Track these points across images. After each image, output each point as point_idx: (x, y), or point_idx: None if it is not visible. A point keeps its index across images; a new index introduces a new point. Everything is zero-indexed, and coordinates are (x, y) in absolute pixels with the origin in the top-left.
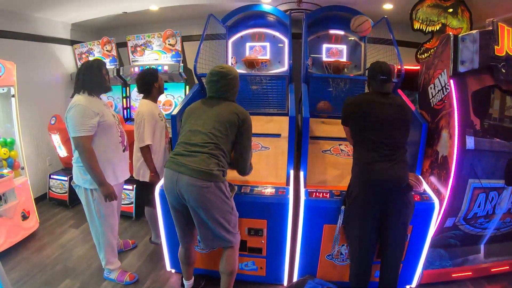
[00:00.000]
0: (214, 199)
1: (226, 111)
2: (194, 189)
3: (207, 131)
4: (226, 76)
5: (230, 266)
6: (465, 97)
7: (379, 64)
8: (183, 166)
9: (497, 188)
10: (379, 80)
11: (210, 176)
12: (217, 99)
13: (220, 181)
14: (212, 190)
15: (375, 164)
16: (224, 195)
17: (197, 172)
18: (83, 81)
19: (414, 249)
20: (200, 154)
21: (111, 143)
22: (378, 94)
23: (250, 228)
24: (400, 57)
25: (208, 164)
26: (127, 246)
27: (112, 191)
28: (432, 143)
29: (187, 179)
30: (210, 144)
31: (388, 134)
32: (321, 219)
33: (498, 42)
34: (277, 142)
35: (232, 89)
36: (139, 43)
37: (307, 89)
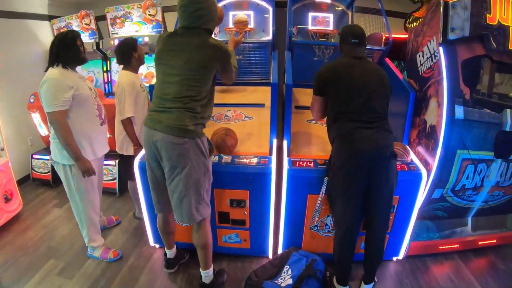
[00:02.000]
0: (189, 155)
1: (200, 51)
2: (169, 146)
3: (180, 82)
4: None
5: (202, 238)
6: (454, 65)
7: (350, 27)
8: (158, 123)
9: (486, 160)
10: (351, 43)
11: (185, 132)
12: (190, 30)
13: (196, 136)
14: (187, 146)
15: (357, 132)
16: (200, 152)
17: (171, 128)
18: (57, 54)
19: (401, 221)
20: (175, 109)
21: (88, 117)
22: (352, 59)
23: (233, 200)
24: (388, 25)
25: (182, 119)
26: (111, 222)
27: (89, 166)
28: (420, 112)
29: (161, 136)
30: (185, 98)
31: (367, 101)
32: (305, 189)
33: (490, 11)
34: (261, 112)
35: (206, 15)
36: (118, 14)
37: (291, 57)
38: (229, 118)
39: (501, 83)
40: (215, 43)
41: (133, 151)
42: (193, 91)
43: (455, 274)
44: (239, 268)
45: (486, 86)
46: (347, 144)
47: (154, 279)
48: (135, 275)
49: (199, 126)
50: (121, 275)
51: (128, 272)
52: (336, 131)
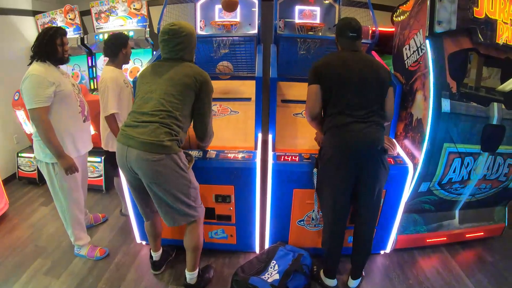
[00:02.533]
0: (167, 172)
1: (181, 73)
2: (144, 163)
3: (159, 98)
4: (179, 34)
5: (193, 241)
6: (441, 59)
7: (348, 20)
8: (131, 139)
9: (473, 153)
10: (348, 37)
11: (161, 148)
12: (171, 60)
13: (172, 152)
14: (164, 162)
15: (349, 126)
16: (179, 167)
17: (146, 144)
18: (38, 48)
19: (388, 214)
20: (150, 124)
21: (70, 113)
22: (349, 52)
23: (218, 195)
24: (375, 19)
25: (158, 135)
26: (97, 220)
27: (72, 163)
28: (407, 106)
29: (136, 153)
30: (161, 112)
31: (363, 94)
32: (291, 183)
33: (478, 4)
34: (247, 106)
35: (186, 47)
36: (103, 9)
37: (276, 50)
38: (215, 112)
39: (489, 77)
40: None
41: None
42: (172, 107)
43: (442, 267)
44: (226, 264)
45: (473, 80)
46: (338, 137)
47: (142, 276)
48: (122, 272)
49: (175, 142)
50: (108, 273)
51: (115, 269)
52: (328, 123)
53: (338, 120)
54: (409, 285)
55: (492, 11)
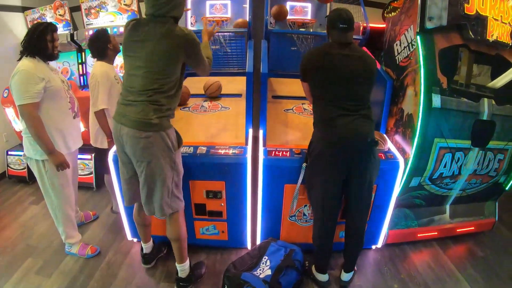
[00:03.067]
0: (153, 149)
1: (165, 45)
2: (134, 140)
3: (145, 75)
4: None
5: (175, 232)
6: (432, 54)
7: (339, 12)
8: (123, 116)
9: (463, 148)
10: (339, 28)
11: (149, 125)
12: (155, 19)
13: (161, 129)
14: (152, 140)
15: (338, 120)
16: (166, 146)
17: (136, 123)
18: (28, 44)
19: (379, 209)
20: (139, 102)
21: (60, 109)
22: (339, 45)
23: (209, 191)
24: (366, 15)
25: (147, 113)
26: (88, 218)
27: (62, 159)
28: (397, 101)
29: (127, 131)
30: (148, 90)
31: (352, 88)
32: (282, 178)
33: (468, 1)
34: (238, 102)
35: (172, 1)
36: (93, 4)
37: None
38: (205, 108)
39: (479, 74)
40: (180, 33)
41: (107, 144)
42: (157, 83)
43: (434, 262)
44: (218, 260)
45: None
46: (327, 130)
47: (133, 274)
48: (114, 270)
49: (164, 118)
50: (100, 271)
51: (106, 268)
52: (318, 116)
53: (326, 113)
54: (401, 279)
55: (483, 7)
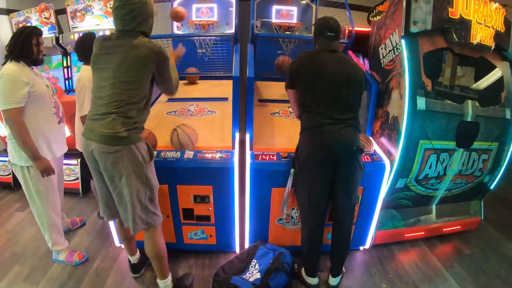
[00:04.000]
0: (124, 163)
1: (134, 56)
2: (103, 156)
3: (112, 87)
4: (131, 0)
5: (153, 250)
6: (416, 58)
7: (326, 20)
8: (91, 132)
9: (448, 149)
10: (326, 36)
11: (117, 139)
12: (124, 34)
13: (130, 143)
14: (121, 154)
15: (325, 127)
16: (136, 160)
17: (103, 137)
18: (10, 49)
19: (366, 210)
20: (106, 116)
21: (44, 115)
22: (326, 52)
23: (196, 196)
24: (352, 19)
25: (114, 126)
26: (75, 224)
27: (48, 165)
28: (383, 104)
29: (95, 146)
30: (116, 102)
31: (338, 95)
32: (269, 182)
33: (452, 5)
34: (224, 105)
35: (139, 16)
36: (79, 7)
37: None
38: (191, 112)
39: (463, 76)
40: (150, 44)
41: None
42: (126, 95)
43: (421, 261)
44: (207, 265)
45: (448, 78)
46: (314, 137)
47: (122, 280)
48: (102, 277)
49: (133, 131)
50: (88, 277)
51: (94, 274)
52: (304, 123)
53: (314, 121)
54: (389, 279)
55: (467, 11)
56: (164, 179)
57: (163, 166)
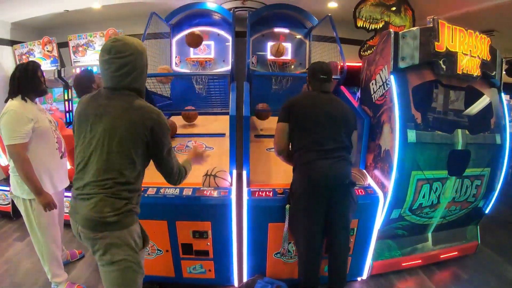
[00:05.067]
0: (111, 250)
1: (125, 120)
2: (89, 242)
3: (100, 160)
4: (123, 53)
5: None
6: (405, 92)
7: (320, 64)
8: (77, 214)
9: (441, 178)
10: (319, 79)
11: (104, 225)
12: (114, 92)
13: (118, 228)
14: (108, 241)
15: (316, 163)
16: (127, 246)
17: (88, 221)
18: (18, 85)
19: (362, 242)
20: (93, 196)
21: (47, 150)
22: (319, 93)
23: (195, 231)
24: (343, 54)
25: (101, 209)
26: (74, 256)
27: (50, 200)
28: (375, 138)
29: (81, 230)
30: (106, 180)
31: (330, 132)
32: (266, 218)
33: (439, 39)
34: (222, 141)
35: (133, 72)
36: (80, 42)
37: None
38: (190, 148)
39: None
40: (146, 108)
41: None
42: (118, 169)
43: None
44: None
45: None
46: (307, 173)
47: None
48: None
49: (124, 214)
50: None
51: None
52: (297, 159)
53: (306, 157)
54: None
55: (452, 44)
56: (164, 215)
57: (163, 203)
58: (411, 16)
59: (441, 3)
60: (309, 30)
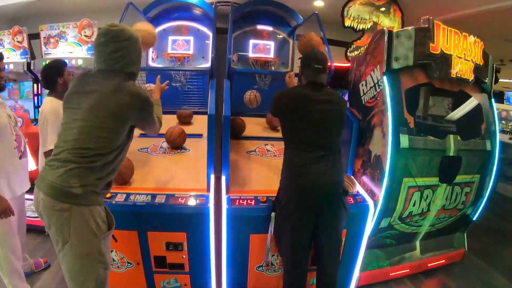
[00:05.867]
0: (70, 229)
1: (113, 100)
2: (47, 212)
3: (82, 129)
4: (120, 38)
5: None
6: (398, 94)
7: (314, 52)
8: (42, 180)
9: (432, 185)
10: (314, 68)
11: (67, 195)
12: (106, 73)
13: (84, 203)
14: (67, 215)
15: (310, 167)
16: (87, 228)
17: (51, 189)
18: None
19: (350, 253)
20: (64, 164)
21: (4, 149)
22: (312, 87)
23: (169, 243)
24: (330, 54)
25: (69, 178)
26: (39, 266)
27: (6, 206)
28: (364, 142)
29: (42, 198)
30: (83, 150)
31: (325, 134)
32: (247, 228)
33: (434, 40)
34: (199, 143)
35: (128, 56)
36: (52, 33)
37: (229, 85)
38: (164, 150)
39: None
40: (134, 90)
41: None
42: (96, 143)
43: None
44: None
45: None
46: (297, 178)
47: None
48: None
49: (91, 189)
50: None
51: None
52: (287, 160)
53: (297, 159)
54: None
55: (447, 46)
56: (134, 224)
57: (132, 211)
58: (401, 18)
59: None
60: (293, 28)
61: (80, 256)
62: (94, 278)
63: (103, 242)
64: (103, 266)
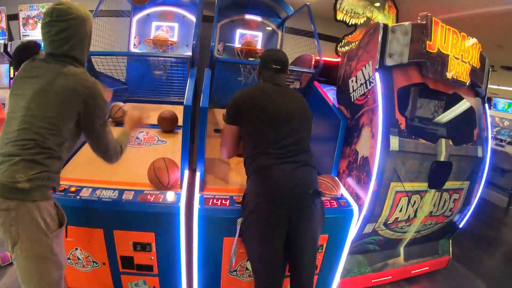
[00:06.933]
0: (18, 228)
1: (58, 85)
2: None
3: (25, 118)
4: (65, 16)
5: None
6: (390, 93)
7: (273, 51)
8: None
9: (420, 191)
10: (272, 69)
11: (13, 191)
12: (53, 58)
13: (30, 199)
14: (14, 215)
15: (275, 168)
16: (35, 225)
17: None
18: None
19: (331, 259)
20: (10, 158)
21: None
22: (272, 85)
23: (136, 243)
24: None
25: (14, 173)
26: (6, 260)
27: None
28: (351, 142)
29: None
30: (25, 141)
31: (290, 132)
32: (220, 231)
33: (431, 38)
34: (177, 135)
35: (73, 38)
36: (32, 14)
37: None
38: (140, 141)
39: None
40: (82, 76)
41: None
42: (38, 133)
43: None
44: None
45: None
46: (263, 181)
47: None
48: None
49: (38, 183)
50: None
51: None
52: (251, 165)
53: (261, 162)
54: None
55: (445, 45)
56: (99, 222)
57: (98, 208)
58: (395, 15)
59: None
60: (283, 20)
61: (32, 257)
62: (49, 281)
63: (55, 240)
64: (57, 267)
